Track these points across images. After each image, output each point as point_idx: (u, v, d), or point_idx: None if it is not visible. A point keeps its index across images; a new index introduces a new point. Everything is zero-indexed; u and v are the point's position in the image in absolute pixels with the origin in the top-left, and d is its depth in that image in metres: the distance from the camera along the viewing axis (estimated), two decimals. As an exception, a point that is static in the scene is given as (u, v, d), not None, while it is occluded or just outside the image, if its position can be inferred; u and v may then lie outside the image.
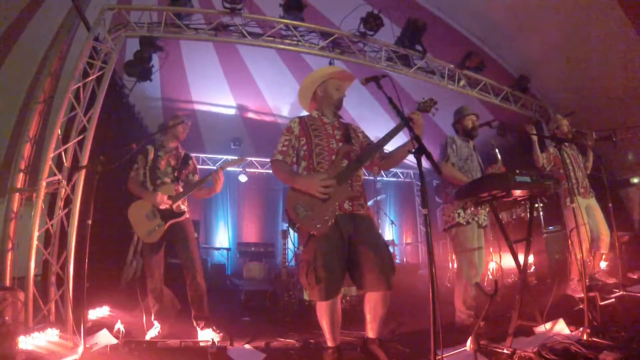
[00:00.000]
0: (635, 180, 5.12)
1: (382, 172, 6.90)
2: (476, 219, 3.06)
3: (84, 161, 3.32)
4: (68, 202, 3.24)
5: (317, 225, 2.04)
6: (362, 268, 2.08)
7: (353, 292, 3.89)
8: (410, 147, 2.04)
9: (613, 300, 3.03)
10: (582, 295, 2.29)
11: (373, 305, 2.14)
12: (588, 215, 3.70)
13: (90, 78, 3.57)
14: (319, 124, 2.33)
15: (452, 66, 5.05)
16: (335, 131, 2.33)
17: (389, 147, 2.35)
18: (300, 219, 2.06)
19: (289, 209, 2.09)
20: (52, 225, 3.16)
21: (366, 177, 7.53)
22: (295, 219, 2.07)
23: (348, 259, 2.11)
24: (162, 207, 3.08)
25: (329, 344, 2.17)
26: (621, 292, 3.13)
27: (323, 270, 2.00)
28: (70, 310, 2.86)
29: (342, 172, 2.15)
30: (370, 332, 2.21)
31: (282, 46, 4.46)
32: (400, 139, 2.31)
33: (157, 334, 3.06)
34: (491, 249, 5.14)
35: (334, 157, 2.20)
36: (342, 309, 2.23)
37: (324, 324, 2.13)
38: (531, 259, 4.73)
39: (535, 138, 3.80)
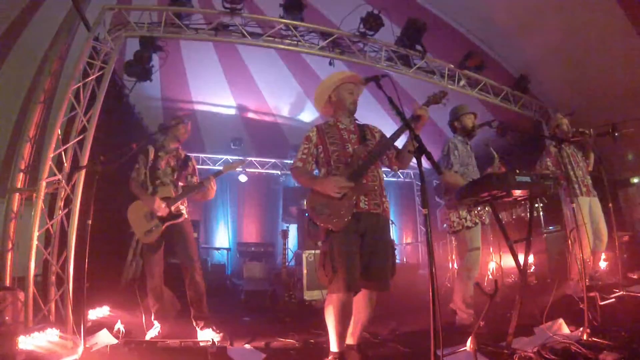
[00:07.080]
0: (635, 180, 5.12)
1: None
2: (483, 218, 3.08)
3: (84, 161, 3.32)
4: (68, 202, 3.24)
5: (334, 220, 2.11)
6: (360, 265, 2.11)
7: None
8: (410, 147, 2.06)
9: (613, 300, 3.03)
10: (582, 295, 2.28)
11: (355, 305, 2.13)
12: (590, 214, 3.70)
13: (90, 78, 3.57)
14: (334, 131, 2.37)
15: (452, 66, 5.05)
16: (350, 135, 2.36)
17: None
18: (319, 216, 2.15)
19: (309, 208, 2.20)
20: (52, 225, 3.16)
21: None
22: (314, 216, 2.17)
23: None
24: (159, 213, 3.06)
25: (333, 347, 2.06)
26: (621, 292, 3.12)
27: (339, 260, 2.04)
28: (70, 310, 2.86)
29: (355, 170, 2.19)
30: (350, 338, 2.20)
31: (282, 46, 4.46)
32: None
33: (157, 334, 3.06)
34: (491, 249, 5.14)
35: (349, 160, 2.25)
36: None
37: (332, 322, 2.03)
38: (531, 259, 4.73)
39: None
